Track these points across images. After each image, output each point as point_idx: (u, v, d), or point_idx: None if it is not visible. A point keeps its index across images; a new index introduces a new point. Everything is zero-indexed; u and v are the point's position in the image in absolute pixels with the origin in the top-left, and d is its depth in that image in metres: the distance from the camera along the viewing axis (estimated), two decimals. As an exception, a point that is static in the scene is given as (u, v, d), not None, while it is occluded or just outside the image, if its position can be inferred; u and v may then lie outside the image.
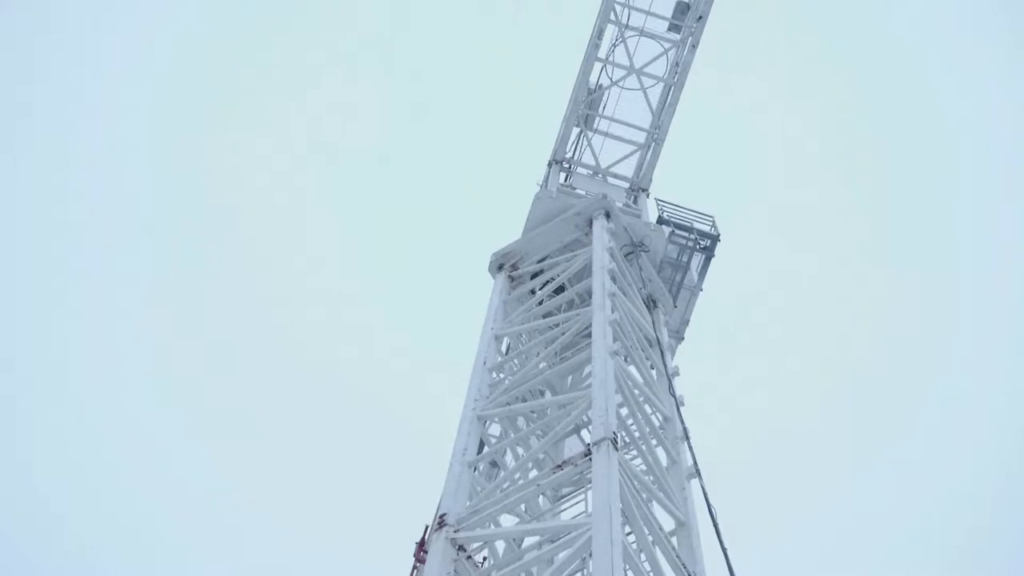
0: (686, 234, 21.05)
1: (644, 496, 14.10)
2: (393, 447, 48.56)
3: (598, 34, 22.67)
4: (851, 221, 54.68)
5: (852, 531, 48.88)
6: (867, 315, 53.67)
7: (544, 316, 19.11)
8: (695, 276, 21.20)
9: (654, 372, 17.89)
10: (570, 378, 19.18)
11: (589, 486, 15.28)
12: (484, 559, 15.06)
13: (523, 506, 15.59)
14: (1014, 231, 51.20)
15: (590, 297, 17.92)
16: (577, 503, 17.45)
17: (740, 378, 50.29)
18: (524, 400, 17.36)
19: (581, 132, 23.41)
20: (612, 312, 16.99)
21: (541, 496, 16.75)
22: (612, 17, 22.65)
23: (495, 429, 17.51)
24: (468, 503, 14.31)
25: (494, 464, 18.12)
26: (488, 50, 54.68)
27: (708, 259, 21.23)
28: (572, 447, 17.36)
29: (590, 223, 20.07)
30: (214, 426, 50.50)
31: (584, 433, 17.10)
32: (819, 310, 54.47)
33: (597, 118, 23.42)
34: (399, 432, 49.13)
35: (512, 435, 16.89)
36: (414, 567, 14.73)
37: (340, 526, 47.34)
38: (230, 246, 53.49)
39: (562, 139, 23.32)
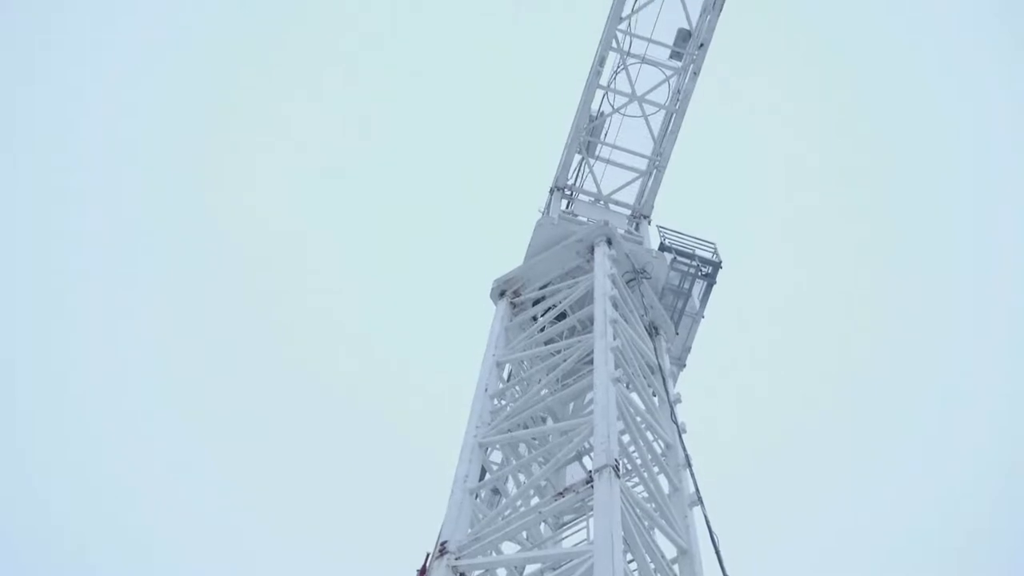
0: (688, 261, 21.06)
1: (646, 523, 14.05)
2: (392, 448, 48.82)
3: (600, 62, 22.74)
4: (851, 223, 54.68)
5: (852, 534, 48.95)
6: (867, 318, 53.63)
7: (546, 343, 19.09)
8: (697, 303, 21.20)
9: (656, 399, 17.86)
10: (572, 405, 19.16)
11: (591, 514, 15.20)
12: (485, 587, 15.00)
13: (525, 534, 15.55)
14: (1014, 233, 51.27)
15: (592, 324, 17.90)
16: (579, 531, 17.39)
17: (741, 383, 50.17)
18: (526, 427, 17.33)
19: (583, 159, 23.46)
20: (614, 339, 16.97)
21: (543, 523, 16.69)
22: (614, 45, 22.72)
23: (496, 456, 17.47)
24: (469, 530, 14.25)
25: (495, 491, 18.05)
26: (488, 50, 54.58)
27: (710, 286, 21.24)
28: (574, 474, 17.31)
29: (592, 250, 20.09)
30: (214, 427, 50.65)
31: (586, 460, 17.07)
32: (819, 313, 54.41)
33: (599, 145, 23.48)
34: (398, 433, 49.43)
35: (514, 462, 16.85)
36: (415, 594, 14.66)
37: (340, 528, 47.45)
38: (230, 247, 53.56)
39: (563, 166, 23.36)
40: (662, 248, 21.33)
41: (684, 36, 22.71)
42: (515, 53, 54.06)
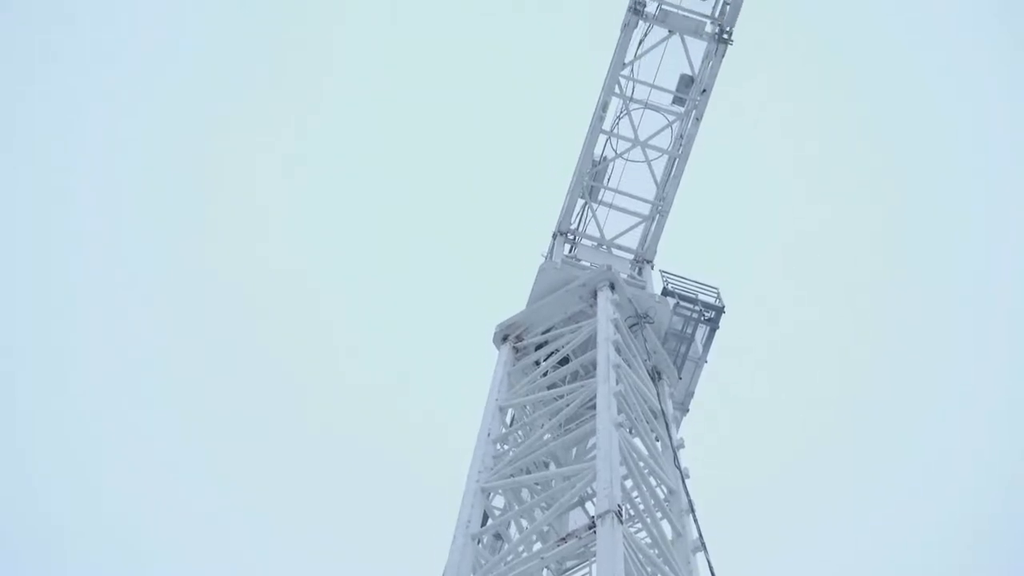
0: (690, 306, 21.09)
1: (649, 570, 13.99)
2: (391, 449, 49.40)
3: (602, 107, 22.85)
4: (851, 235, 54.76)
5: (857, 566, 48.79)
6: (867, 328, 53.57)
7: (548, 387, 19.07)
8: (700, 348, 21.21)
9: (659, 444, 17.81)
10: (574, 450, 19.09)
11: (594, 559, 15.16)
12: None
13: (527, 579, 15.47)
14: (1017, 239, 51.22)
15: (594, 368, 17.89)
16: (582, 577, 17.34)
17: (743, 414, 50.05)
18: (528, 472, 17.27)
19: (586, 204, 23.53)
20: (617, 384, 16.95)
21: (545, 569, 16.59)
22: (617, 90, 22.85)
23: (499, 501, 17.44)
24: (472, 576, 14.21)
25: (498, 537, 18.00)
26: (488, 50, 54.67)
27: (713, 331, 21.25)
28: (576, 520, 17.23)
29: (594, 294, 20.09)
30: (214, 428, 50.93)
31: (588, 506, 16.99)
32: (821, 331, 54.26)
33: (602, 190, 23.56)
34: (397, 434, 50.03)
35: (516, 507, 16.80)
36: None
37: (338, 529, 47.80)
38: (231, 248, 53.89)
39: (566, 211, 23.44)
40: (665, 293, 21.36)
41: (687, 82, 22.83)
42: (515, 54, 54.30)
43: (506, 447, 17.80)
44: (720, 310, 21.23)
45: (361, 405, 53.15)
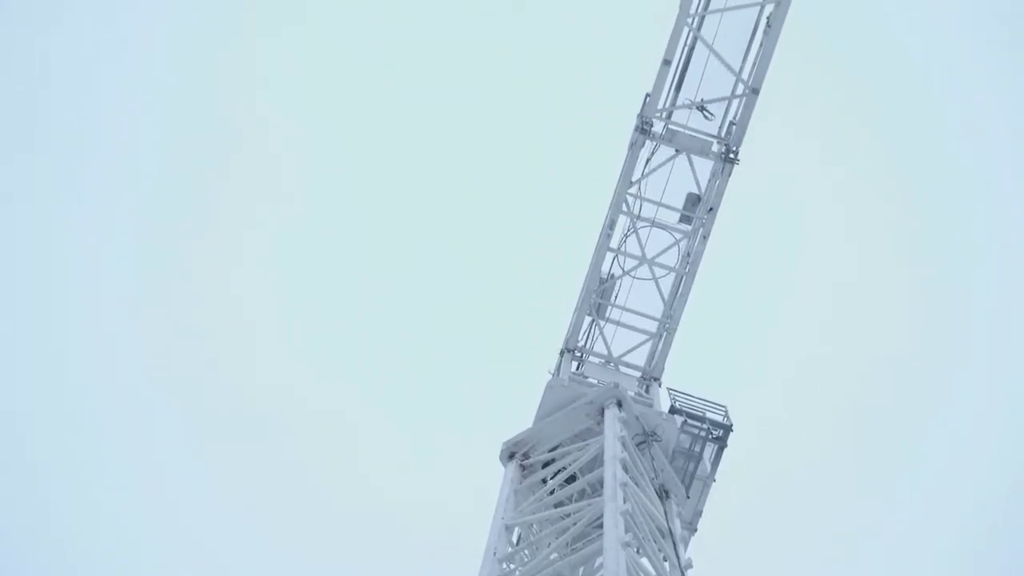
0: (698, 424, 21.01)
1: None
2: (390, 447, 49.57)
3: (610, 225, 23.03)
4: (852, 232, 54.37)
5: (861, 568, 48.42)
6: (867, 332, 53.13)
7: (555, 506, 18.95)
8: (708, 466, 21.09)
9: (667, 564, 17.62)
10: (581, 569, 18.93)
11: None
12: None
13: None
14: (1020, 241, 50.95)
15: (601, 487, 17.78)
16: None
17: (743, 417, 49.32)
18: (534, 592, 17.09)
19: (593, 321, 23.59)
20: (624, 502, 16.82)
21: None
22: (624, 208, 23.04)
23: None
24: None
25: (504, 658, 17.75)
26: (488, 51, 54.67)
27: (721, 449, 21.14)
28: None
29: (602, 412, 20.05)
30: (215, 428, 50.84)
31: (595, 627, 16.80)
32: (818, 329, 53.72)
33: (609, 307, 23.63)
34: (396, 433, 50.10)
35: (522, 628, 16.61)
36: None
37: (340, 533, 47.85)
38: (231, 248, 54.02)
39: (574, 328, 23.49)
40: (672, 410, 21.30)
41: (693, 200, 23.03)
42: (516, 57, 54.57)
43: (512, 566, 17.62)
44: (728, 428, 21.14)
45: (360, 352, 53.24)
